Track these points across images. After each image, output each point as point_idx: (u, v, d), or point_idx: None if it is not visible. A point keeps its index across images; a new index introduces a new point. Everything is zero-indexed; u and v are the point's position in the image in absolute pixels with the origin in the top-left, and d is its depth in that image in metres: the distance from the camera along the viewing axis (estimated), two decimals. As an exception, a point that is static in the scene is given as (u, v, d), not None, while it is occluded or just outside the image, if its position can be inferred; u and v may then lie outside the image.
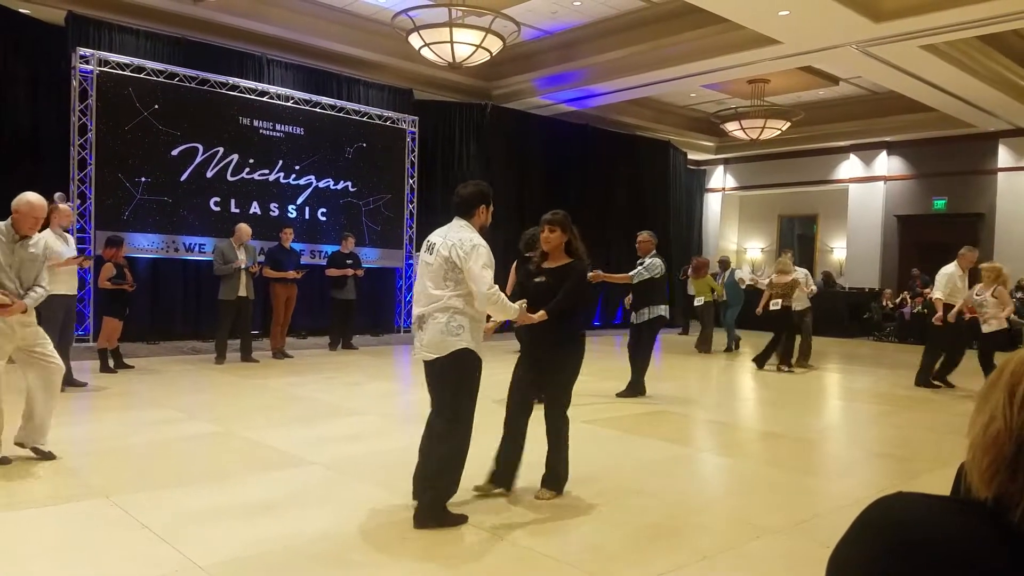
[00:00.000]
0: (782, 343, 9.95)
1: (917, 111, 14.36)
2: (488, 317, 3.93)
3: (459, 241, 3.72)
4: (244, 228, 9.28)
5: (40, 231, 6.86)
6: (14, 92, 9.88)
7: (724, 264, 13.11)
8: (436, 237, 3.85)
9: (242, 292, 8.99)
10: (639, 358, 7.58)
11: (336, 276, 10.69)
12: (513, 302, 3.99)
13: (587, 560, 3.32)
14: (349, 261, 10.83)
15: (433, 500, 3.67)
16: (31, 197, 4.67)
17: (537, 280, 4.27)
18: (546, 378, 4.24)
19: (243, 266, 8.97)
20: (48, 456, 4.63)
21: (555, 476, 4.21)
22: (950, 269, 8.80)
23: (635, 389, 7.55)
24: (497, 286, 3.76)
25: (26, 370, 4.66)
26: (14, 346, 4.55)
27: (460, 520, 3.70)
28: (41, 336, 4.72)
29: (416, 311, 3.82)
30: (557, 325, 4.10)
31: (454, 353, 3.66)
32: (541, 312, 4.06)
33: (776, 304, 9.75)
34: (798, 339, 10.29)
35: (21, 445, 4.65)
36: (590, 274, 5.73)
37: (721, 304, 12.58)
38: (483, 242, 3.77)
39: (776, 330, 9.98)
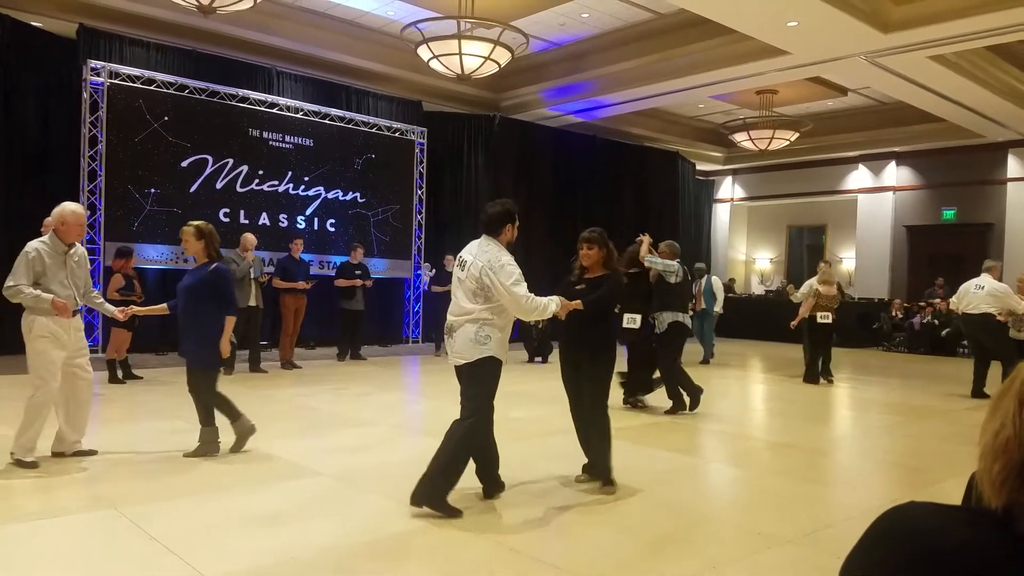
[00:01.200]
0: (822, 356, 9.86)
1: (926, 121, 14.34)
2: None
3: (488, 262, 4.06)
4: (249, 237, 9.32)
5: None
6: (25, 104, 9.99)
7: (700, 272, 12.14)
8: (467, 255, 4.19)
9: (252, 302, 9.01)
10: (664, 369, 7.30)
11: (345, 287, 10.71)
12: None
13: (595, 570, 3.30)
14: (358, 272, 10.85)
15: (440, 487, 3.94)
16: (74, 206, 4.90)
17: (577, 288, 4.66)
18: (583, 378, 4.59)
19: (251, 276, 9.00)
20: (91, 452, 4.98)
21: (600, 468, 4.57)
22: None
23: (678, 403, 7.26)
24: (532, 294, 4.12)
25: (62, 381, 4.81)
26: (66, 353, 4.78)
27: (455, 513, 3.91)
28: (84, 346, 5.00)
29: (448, 319, 4.18)
30: (592, 330, 4.53)
31: (480, 360, 4.04)
32: (578, 301, 4.44)
33: (826, 317, 9.63)
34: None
35: (60, 454, 4.87)
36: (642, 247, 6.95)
37: (697, 314, 11.74)
38: (510, 259, 4.14)
39: (820, 343, 9.80)
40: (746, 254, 20.33)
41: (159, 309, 5.44)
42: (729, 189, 20.19)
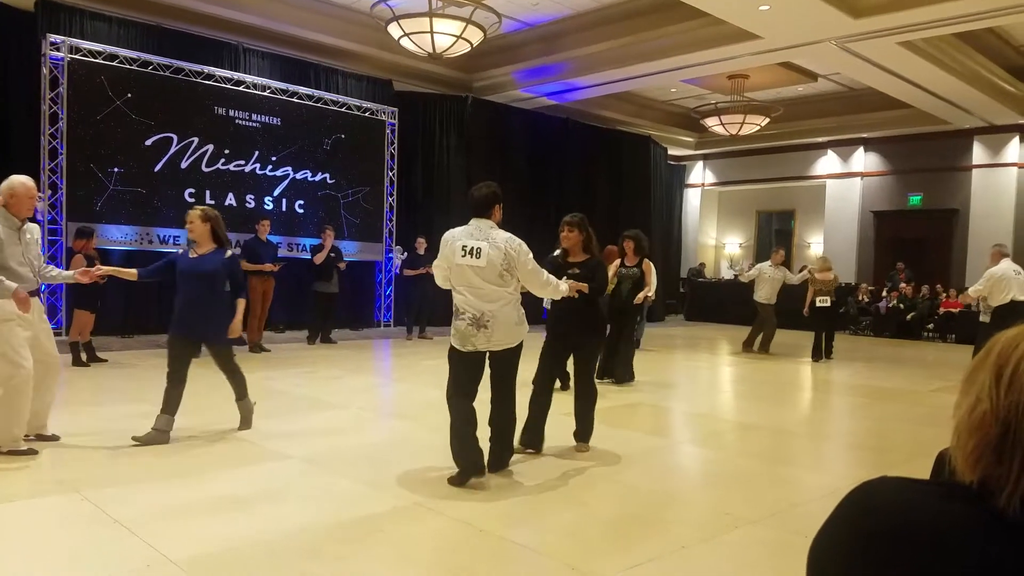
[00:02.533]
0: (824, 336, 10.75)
1: (894, 108, 14.52)
2: None
3: (507, 240, 4.21)
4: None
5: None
6: (-18, 79, 9.67)
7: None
8: (470, 240, 4.22)
9: None
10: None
11: (320, 268, 10.54)
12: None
13: (564, 550, 3.30)
14: (332, 254, 10.72)
15: (507, 455, 4.48)
16: (23, 178, 4.71)
17: (570, 272, 4.96)
18: (579, 355, 5.04)
19: None
20: (53, 438, 4.89)
21: (588, 430, 5.06)
22: (1000, 268, 8.73)
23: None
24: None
25: None
26: (32, 333, 4.64)
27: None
28: (48, 328, 4.91)
29: (477, 309, 4.14)
30: (589, 311, 4.95)
31: (520, 342, 4.31)
32: (584, 284, 4.79)
33: (824, 301, 10.59)
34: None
35: (25, 436, 4.70)
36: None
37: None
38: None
39: (823, 326, 10.73)
40: (716, 239, 20.50)
41: (129, 273, 5.30)
42: (700, 174, 20.30)
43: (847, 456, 5.58)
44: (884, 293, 15.34)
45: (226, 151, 11.17)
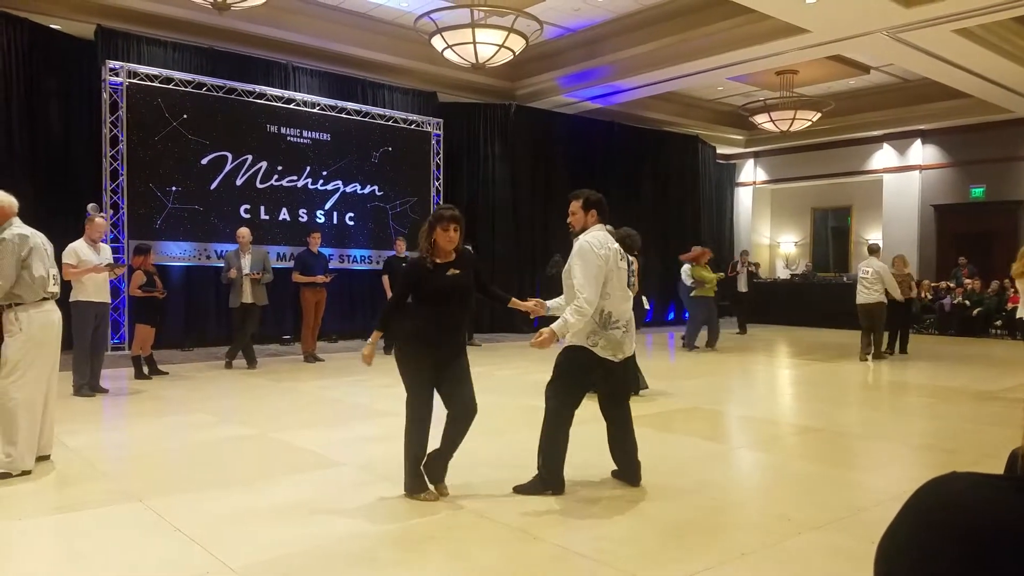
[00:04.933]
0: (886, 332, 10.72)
1: (952, 98, 14.02)
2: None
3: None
4: (242, 232, 9.25)
5: (74, 241, 7.01)
6: (46, 106, 10.10)
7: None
8: (614, 244, 4.22)
9: (246, 299, 8.99)
10: None
11: (393, 280, 10.60)
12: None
13: (622, 558, 3.25)
14: (405, 265, 10.78)
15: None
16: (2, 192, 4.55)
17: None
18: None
19: (243, 273, 8.93)
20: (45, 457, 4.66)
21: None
22: None
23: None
24: None
25: None
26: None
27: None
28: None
29: (628, 315, 4.18)
30: None
31: None
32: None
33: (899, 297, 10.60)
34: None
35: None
36: None
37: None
38: None
39: (898, 323, 10.91)
40: (770, 238, 20.08)
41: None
42: (751, 172, 19.93)
43: (912, 458, 5.37)
44: (944, 286, 14.78)
45: (279, 167, 11.44)
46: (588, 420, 4.45)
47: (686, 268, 11.35)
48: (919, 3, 9.26)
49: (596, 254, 4.02)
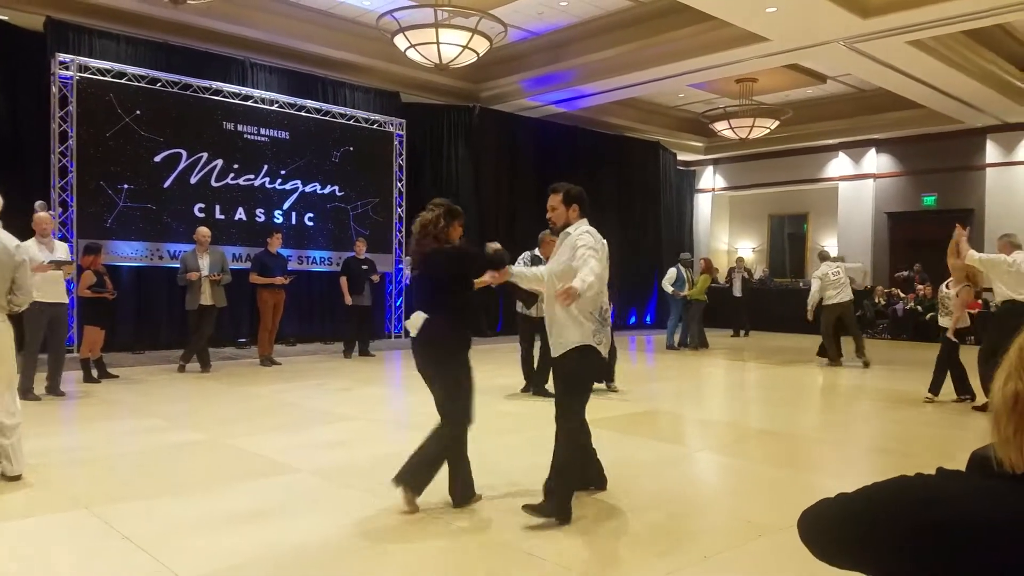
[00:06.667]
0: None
1: (905, 108, 14.38)
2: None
3: None
4: (201, 231, 9.05)
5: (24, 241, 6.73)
6: (-7, 99, 9.72)
7: (688, 262, 13.10)
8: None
9: (204, 301, 8.79)
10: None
11: (352, 281, 10.46)
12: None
13: (583, 562, 3.21)
14: (364, 267, 10.66)
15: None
16: None
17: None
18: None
19: (201, 275, 8.74)
20: None
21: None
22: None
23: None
24: None
25: None
26: None
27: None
28: None
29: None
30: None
31: None
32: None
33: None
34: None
35: None
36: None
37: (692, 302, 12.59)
38: None
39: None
40: (728, 244, 20.35)
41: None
42: (710, 179, 20.19)
43: (870, 461, 5.45)
44: (900, 294, 15.12)
45: (235, 166, 11.19)
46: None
47: (671, 274, 12.51)
48: (875, 14, 9.46)
49: (603, 246, 3.92)
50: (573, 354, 3.74)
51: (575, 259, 3.74)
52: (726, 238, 20.37)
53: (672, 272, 12.65)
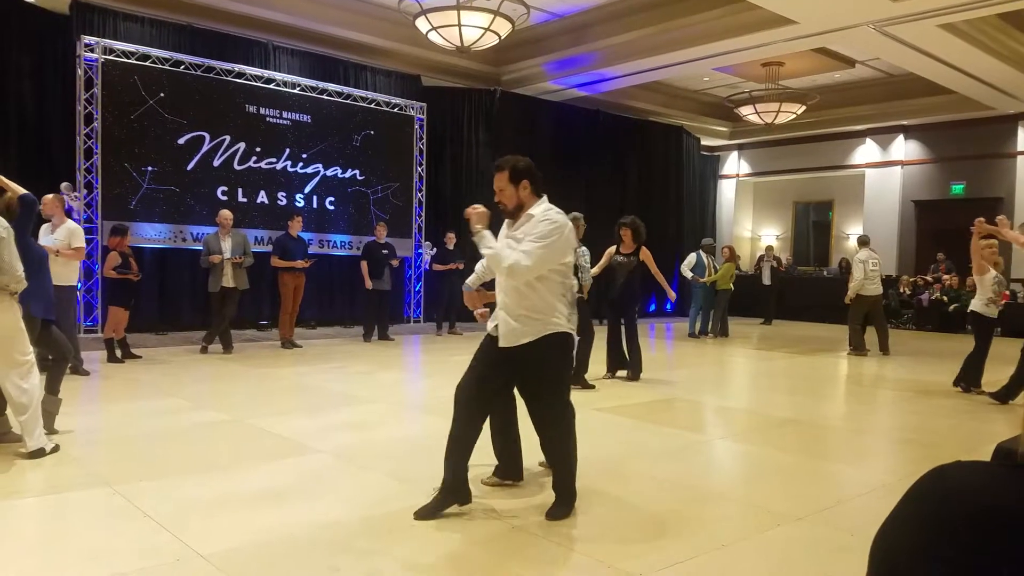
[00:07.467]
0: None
1: (935, 94, 14.09)
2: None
3: None
4: (223, 214, 9.13)
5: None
6: (19, 82, 9.81)
7: (710, 248, 13.27)
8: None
9: (227, 283, 8.88)
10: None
11: (372, 267, 10.45)
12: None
13: (600, 548, 3.20)
14: (384, 251, 10.67)
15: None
16: None
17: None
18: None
19: (223, 258, 8.82)
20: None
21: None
22: None
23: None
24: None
25: None
26: None
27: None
28: None
29: None
30: None
31: None
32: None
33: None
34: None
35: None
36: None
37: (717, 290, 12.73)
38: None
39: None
40: (752, 231, 20.14)
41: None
42: (735, 164, 19.95)
43: (892, 451, 5.38)
44: (931, 284, 14.87)
45: (257, 149, 11.24)
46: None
47: (690, 259, 12.72)
48: (906, -4, 9.26)
49: (568, 237, 3.43)
50: (553, 344, 3.46)
51: (527, 236, 3.34)
52: (750, 225, 20.15)
53: (692, 257, 12.64)
